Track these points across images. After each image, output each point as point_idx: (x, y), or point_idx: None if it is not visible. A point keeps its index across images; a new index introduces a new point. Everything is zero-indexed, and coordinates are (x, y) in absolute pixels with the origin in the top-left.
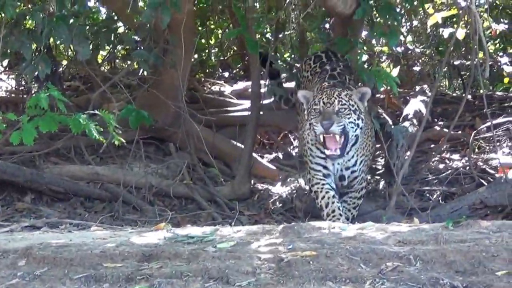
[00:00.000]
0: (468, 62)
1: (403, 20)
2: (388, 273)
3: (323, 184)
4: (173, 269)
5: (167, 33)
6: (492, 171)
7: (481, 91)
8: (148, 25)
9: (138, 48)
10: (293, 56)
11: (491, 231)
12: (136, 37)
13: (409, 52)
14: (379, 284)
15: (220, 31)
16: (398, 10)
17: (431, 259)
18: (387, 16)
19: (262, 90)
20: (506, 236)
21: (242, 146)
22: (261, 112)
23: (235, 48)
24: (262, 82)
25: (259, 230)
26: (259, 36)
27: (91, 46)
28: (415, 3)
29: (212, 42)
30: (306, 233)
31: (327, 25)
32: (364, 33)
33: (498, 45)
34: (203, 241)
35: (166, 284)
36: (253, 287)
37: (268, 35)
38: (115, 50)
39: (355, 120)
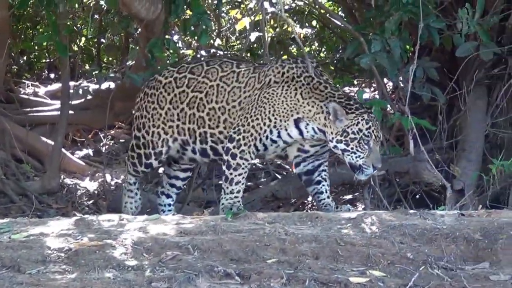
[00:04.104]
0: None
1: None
2: (167, 261)
3: (248, 165)
4: None
5: None
6: (286, 166)
7: None
8: None
9: None
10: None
11: (266, 222)
12: None
13: (217, 54)
14: (159, 272)
15: None
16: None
17: (208, 248)
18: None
19: (72, 90)
20: (279, 227)
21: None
22: (72, 112)
23: None
24: (71, 83)
25: (54, 222)
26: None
27: None
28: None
29: (44, 45)
30: (96, 224)
31: None
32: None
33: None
34: None
35: None
36: (42, 275)
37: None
38: None
39: None
